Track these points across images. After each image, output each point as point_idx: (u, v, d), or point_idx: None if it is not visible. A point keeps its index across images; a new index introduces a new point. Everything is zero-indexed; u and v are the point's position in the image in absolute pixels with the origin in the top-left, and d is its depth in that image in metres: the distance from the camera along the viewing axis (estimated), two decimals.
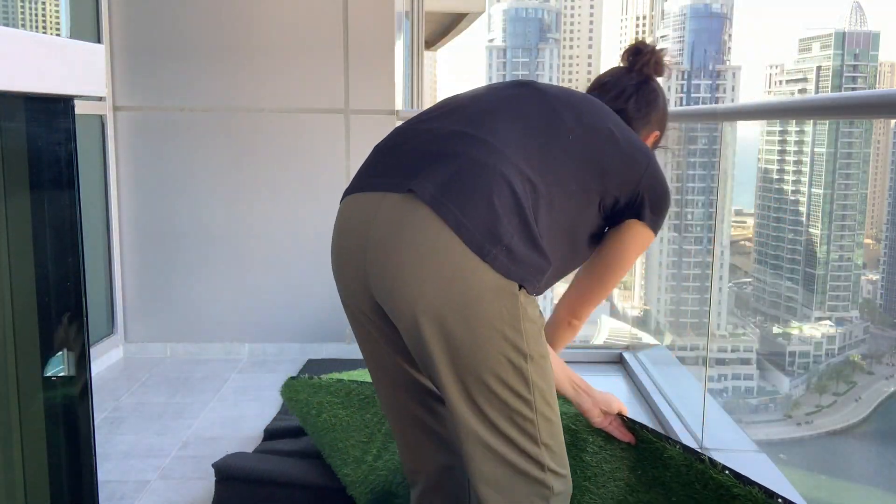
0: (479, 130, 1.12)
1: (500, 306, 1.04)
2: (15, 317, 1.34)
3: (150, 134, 3.10)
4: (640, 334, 3.67)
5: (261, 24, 3.05)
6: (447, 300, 1.03)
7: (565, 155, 1.14)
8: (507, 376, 1.06)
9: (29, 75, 1.10)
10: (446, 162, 1.08)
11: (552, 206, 1.12)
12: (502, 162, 1.07)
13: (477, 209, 1.03)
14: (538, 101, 1.20)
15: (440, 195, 1.04)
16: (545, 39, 79.02)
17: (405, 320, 1.07)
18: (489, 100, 1.21)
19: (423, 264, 1.03)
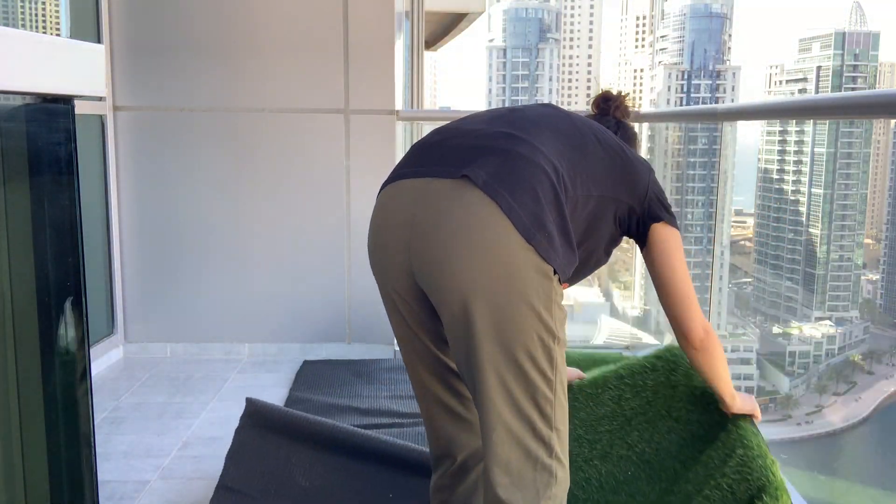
0: (523, 133, 1.22)
1: (539, 287, 1.12)
2: (15, 316, 1.34)
3: (150, 134, 3.10)
4: (640, 334, 3.66)
5: (261, 24, 3.05)
6: (493, 276, 1.10)
7: (592, 165, 1.27)
8: (536, 354, 1.13)
9: (29, 75, 1.10)
10: (495, 154, 1.17)
11: (577, 207, 1.23)
12: (544, 160, 1.18)
13: (525, 197, 1.12)
14: (565, 118, 1.34)
15: (492, 181, 1.12)
16: (545, 39, 78.98)
17: (446, 292, 1.13)
18: (525, 112, 1.33)
19: (472, 241, 1.10)
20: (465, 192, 1.12)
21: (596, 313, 66.97)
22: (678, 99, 78.09)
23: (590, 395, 1.87)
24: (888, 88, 6.34)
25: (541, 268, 1.12)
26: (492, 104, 79.06)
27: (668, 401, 1.77)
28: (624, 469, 1.76)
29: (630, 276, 58.17)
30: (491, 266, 1.10)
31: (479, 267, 1.10)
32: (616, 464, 1.78)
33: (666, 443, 1.74)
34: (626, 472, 1.75)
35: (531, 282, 1.11)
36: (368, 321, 3.14)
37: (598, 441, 1.82)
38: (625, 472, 1.75)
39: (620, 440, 1.79)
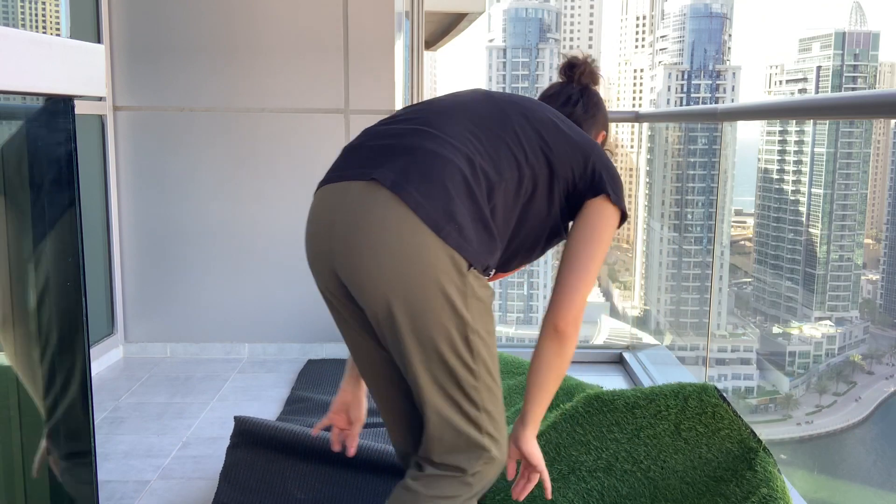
0: (435, 128, 1.25)
1: (452, 279, 1.16)
2: (15, 316, 1.34)
3: (150, 134, 3.10)
4: (640, 334, 3.66)
5: (261, 24, 3.05)
6: (407, 274, 1.14)
7: (516, 147, 1.27)
8: (456, 345, 1.18)
9: (29, 75, 1.10)
10: (405, 154, 1.21)
11: (507, 193, 1.25)
12: (455, 153, 1.21)
13: (433, 191, 1.16)
14: (488, 102, 1.34)
15: (400, 180, 1.16)
16: (545, 39, 78.96)
17: (368, 294, 1.17)
18: (445, 103, 1.34)
19: (385, 241, 1.14)
20: (376, 194, 1.16)
21: (596, 313, 67.01)
22: (678, 99, 78.06)
23: (605, 402, 1.87)
24: (888, 88, 6.33)
25: (454, 260, 1.15)
26: None
27: (679, 416, 1.76)
28: (628, 484, 1.76)
29: (630, 276, 58.13)
30: (404, 264, 1.14)
31: (392, 266, 1.14)
32: (620, 478, 1.78)
33: (673, 462, 1.74)
34: (629, 487, 1.75)
35: (444, 275, 1.15)
36: None
37: (605, 449, 1.81)
38: (628, 487, 1.76)
39: (627, 453, 1.79)
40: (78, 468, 1.44)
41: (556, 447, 1.87)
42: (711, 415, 1.73)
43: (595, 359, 3.18)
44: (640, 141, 3.82)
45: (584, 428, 1.86)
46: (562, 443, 1.87)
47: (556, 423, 1.90)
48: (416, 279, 1.14)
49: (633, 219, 3.81)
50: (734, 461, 1.68)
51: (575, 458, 1.84)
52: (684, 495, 1.70)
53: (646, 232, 3.92)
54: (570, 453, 1.85)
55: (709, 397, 1.75)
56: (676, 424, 1.76)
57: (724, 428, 1.71)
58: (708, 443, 1.72)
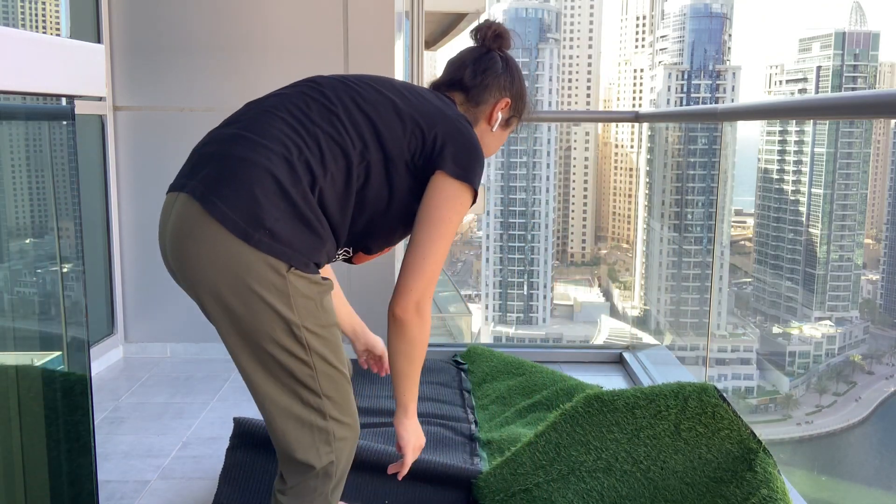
0: (252, 131, 1.26)
1: (269, 284, 1.18)
2: (15, 316, 1.34)
3: (151, 134, 3.10)
4: (640, 334, 3.66)
5: (261, 24, 3.05)
6: (223, 282, 1.19)
7: (340, 137, 1.26)
8: (284, 342, 1.22)
9: (29, 75, 1.10)
10: (217, 162, 1.24)
11: (336, 184, 1.25)
12: (268, 156, 1.21)
13: (239, 200, 1.18)
14: (316, 94, 1.32)
15: (208, 192, 1.20)
16: (545, 39, 78.93)
17: (197, 301, 1.26)
18: (271, 101, 1.33)
19: (201, 253, 1.20)
20: (190, 208, 1.21)
21: (596, 313, 66.99)
22: (678, 99, 78.03)
23: (605, 402, 1.87)
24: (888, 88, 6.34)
25: (269, 264, 1.18)
26: None
27: (679, 416, 1.76)
28: (627, 484, 1.76)
29: (630, 276, 58.06)
30: (218, 274, 1.19)
31: (210, 277, 1.20)
32: (619, 478, 1.78)
33: (672, 463, 1.74)
34: (629, 488, 1.76)
35: (259, 282, 1.18)
36: (368, 321, 3.13)
37: (604, 449, 1.81)
38: (628, 487, 1.76)
39: (626, 454, 1.79)
40: (78, 468, 1.44)
41: (556, 447, 1.87)
42: (711, 415, 1.73)
43: (595, 359, 3.18)
44: (640, 141, 3.82)
45: (584, 428, 1.86)
46: (561, 443, 1.87)
47: (556, 423, 1.91)
48: (233, 288, 1.19)
49: (633, 219, 3.79)
50: (734, 462, 1.68)
51: (574, 458, 1.84)
52: (684, 496, 1.70)
53: (646, 232, 3.92)
54: (570, 453, 1.85)
55: (709, 397, 1.75)
56: (676, 425, 1.76)
57: (724, 428, 1.71)
58: (708, 443, 1.72)
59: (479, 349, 2.89)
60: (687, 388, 1.80)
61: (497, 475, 1.89)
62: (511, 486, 1.86)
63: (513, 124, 1.57)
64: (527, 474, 1.86)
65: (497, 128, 1.52)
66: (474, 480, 1.92)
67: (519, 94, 1.54)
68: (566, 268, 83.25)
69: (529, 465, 1.88)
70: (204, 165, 1.25)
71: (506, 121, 1.53)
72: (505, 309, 69.82)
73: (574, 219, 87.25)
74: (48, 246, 1.40)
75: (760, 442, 1.67)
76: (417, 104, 1.34)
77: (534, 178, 70.67)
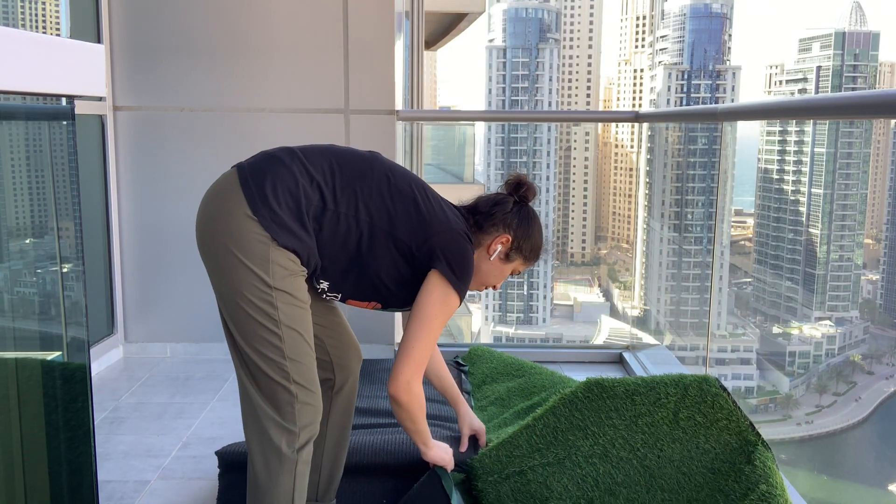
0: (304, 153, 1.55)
1: (252, 250, 1.43)
2: (15, 316, 1.34)
3: (150, 134, 3.10)
4: (640, 334, 3.66)
5: (261, 24, 3.05)
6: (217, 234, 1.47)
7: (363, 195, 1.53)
8: (254, 299, 1.44)
9: (29, 75, 1.10)
10: (266, 157, 1.54)
11: (339, 223, 1.50)
12: (301, 170, 1.50)
13: (264, 184, 1.47)
14: (364, 161, 1.59)
15: (247, 172, 1.50)
16: (545, 39, 78.86)
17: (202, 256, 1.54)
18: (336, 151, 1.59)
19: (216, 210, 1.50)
20: (231, 175, 1.53)
21: (596, 313, 66.97)
22: (678, 99, 78.00)
23: (605, 388, 1.87)
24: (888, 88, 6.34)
25: (258, 236, 1.43)
26: (492, 104, 78.93)
27: (678, 404, 1.77)
28: (623, 471, 1.77)
29: (630, 276, 58.06)
30: (220, 227, 1.47)
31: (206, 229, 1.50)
32: (615, 465, 1.78)
33: (669, 451, 1.74)
34: (624, 475, 1.76)
35: (248, 243, 1.44)
36: (368, 321, 3.14)
37: (602, 435, 1.82)
38: (624, 474, 1.76)
39: (624, 440, 1.80)
40: (78, 468, 1.44)
41: (554, 431, 1.88)
42: (711, 405, 1.73)
43: (595, 359, 3.18)
44: (640, 141, 3.82)
45: (583, 413, 1.86)
46: (559, 427, 1.88)
47: (555, 407, 1.91)
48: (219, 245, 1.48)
49: (633, 219, 3.79)
50: (732, 453, 1.68)
51: (572, 442, 1.85)
52: (680, 485, 1.70)
53: (646, 232, 3.92)
54: (567, 438, 1.86)
55: (709, 387, 1.75)
56: (675, 413, 1.76)
57: (723, 419, 1.71)
58: (706, 433, 1.72)
59: (480, 350, 2.88)
60: (688, 377, 1.80)
61: (493, 456, 1.90)
62: (506, 467, 1.87)
63: (514, 262, 1.74)
64: (523, 456, 1.87)
65: (495, 258, 1.71)
66: (469, 461, 1.92)
67: (524, 235, 1.73)
68: (566, 268, 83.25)
69: (526, 447, 1.88)
70: (258, 156, 1.55)
71: (505, 255, 1.72)
72: (505, 309, 69.81)
73: (574, 219, 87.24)
74: (48, 246, 1.40)
75: (759, 435, 1.68)
76: (433, 208, 1.59)
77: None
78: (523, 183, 1.76)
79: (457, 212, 1.67)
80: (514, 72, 79.65)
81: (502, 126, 72.64)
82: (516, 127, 72.20)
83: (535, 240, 1.75)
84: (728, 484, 1.63)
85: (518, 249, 1.72)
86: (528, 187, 1.76)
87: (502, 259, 1.72)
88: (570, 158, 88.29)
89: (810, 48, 69.10)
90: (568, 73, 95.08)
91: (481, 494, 1.86)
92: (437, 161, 8.32)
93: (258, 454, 1.49)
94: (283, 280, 1.45)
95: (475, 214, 1.71)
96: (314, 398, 1.50)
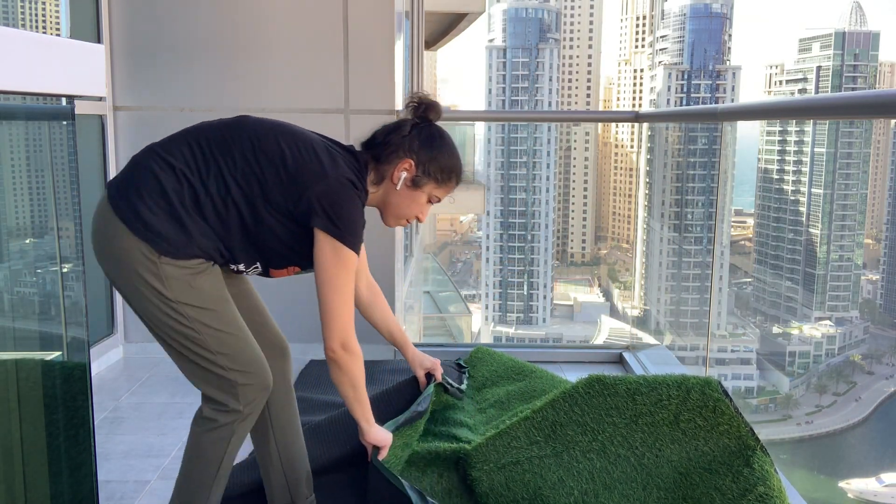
0: (162, 147, 1.51)
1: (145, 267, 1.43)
2: (15, 316, 1.34)
3: (150, 134, 3.08)
4: (640, 334, 3.67)
5: (261, 24, 3.05)
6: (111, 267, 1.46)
7: (227, 169, 1.49)
8: (166, 315, 1.46)
9: (29, 75, 1.10)
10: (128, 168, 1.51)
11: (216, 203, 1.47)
12: (161, 165, 1.46)
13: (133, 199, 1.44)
14: (225, 130, 1.53)
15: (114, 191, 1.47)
16: (545, 39, 78.90)
17: None
18: (195, 127, 1.56)
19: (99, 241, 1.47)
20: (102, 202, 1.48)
21: (596, 313, 66.98)
22: (678, 99, 78.02)
23: (606, 385, 1.88)
24: (888, 88, 6.34)
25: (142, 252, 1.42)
26: (492, 104, 78.93)
27: (679, 407, 1.77)
28: (620, 468, 1.77)
29: (630, 276, 58.09)
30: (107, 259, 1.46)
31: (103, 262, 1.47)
32: (613, 462, 1.79)
33: (668, 451, 1.75)
34: (622, 472, 1.76)
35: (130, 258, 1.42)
36: None
37: (601, 432, 1.82)
38: (621, 471, 1.77)
39: (622, 438, 1.81)
40: (78, 468, 1.44)
41: (553, 425, 1.88)
42: (712, 409, 1.73)
43: (595, 359, 3.18)
44: (640, 141, 3.82)
45: (583, 409, 1.86)
46: (558, 421, 1.88)
47: (555, 401, 1.91)
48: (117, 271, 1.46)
49: (633, 219, 3.79)
50: (730, 456, 1.69)
51: (570, 437, 1.85)
52: (677, 485, 1.70)
53: (646, 232, 3.92)
54: (566, 432, 1.86)
55: (711, 391, 1.76)
56: (676, 415, 1.76)
57: (724, 423, 1.72)
58: (706, 436, 1.73)
59: (482, 352, 2.88)
60: (690, 380, 1.80)
61: (490, 445, 1.90)
62: (502, 457, 1.87)
63: (426, 187, 1.64)
64: (520, 448, 1.87)
65: (401, 186, 1.62)
66: (465, 450, 1.92)
67: (428, 157, 1.62)
68: (566, 268, 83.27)
69: (524, 439, 1.89)
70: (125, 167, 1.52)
71: (412, 180, 1.62)
72: (505, 309, 69.85)
73: (574, 219, 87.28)
74: (48, 246, 1.40)
75: (759, 440, 1.69)
76: (304, 159, 1.50)
77: (534, 178, 70.66)
78: (423, 101, 1.65)
79: (343, 152, 1.57)
80: (514, 72, 79.67)
81: (502, 126, 72.64)
82: (516, 127, 72.21)
83: (442, 160, 1.63)
84: (725, 483, 1.64)
85: (426, 173, 1.62)
86: (429, 105, 1.65)
87: (409, 186, 1.62)
88: (570, 158, 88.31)
89: (810, 48, 69.12)
90: (568, 73, 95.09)
91: (475, 482, 1.87)
92: None
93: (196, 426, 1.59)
94: (183, 292, 1.46)
95: (372, 148, 1.63)
96: (254, 376, 1.54)
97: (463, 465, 1.92)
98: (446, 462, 1.95)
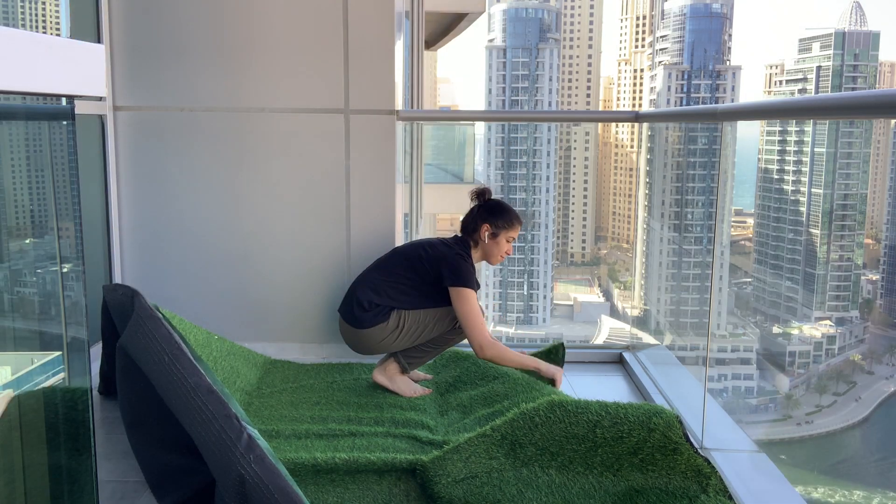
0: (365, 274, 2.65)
1: None
2: (15, 317, 1.34)
3: (150, 134, 3.10)
4: (641, 334, 3.66)
5: (261, 24, 3.05)
6: None
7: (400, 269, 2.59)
8: None
9: (29, 75, 1.10)
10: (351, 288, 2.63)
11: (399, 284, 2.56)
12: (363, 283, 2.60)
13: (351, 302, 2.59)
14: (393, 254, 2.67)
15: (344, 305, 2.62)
16: (545, 39, 78.79)
17: None
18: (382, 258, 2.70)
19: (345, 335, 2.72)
20: None
21: (596, 313, 66.95)
22: (678, 99, 77.97)
23: (568, 413, 1.91)
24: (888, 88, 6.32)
25: None
26: (492, 104, 78.85)
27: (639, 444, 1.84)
28: (580, 484, 1.83)
29: (630, 276, 58.01)
30: None
31: None
32: (572, 478, 1.85)
33: (627, 472, 1.84)
34: (580, 488, 1.82)
35: None
36: None
37: (561, 455, 1.87)
38: (580, 487, 1.82)
39: (582, 460, 1.87)
40: (78, 468, 1.44)
41: (511, 444, 1.91)
42: (672, 450, 1.84)
43: (595, 359, 3.18)
44: (640, 141, 3.82)
45: (542, 433, 1.91)
46: (518, 441, 1.91)
47: (514, 421, 1.93)
48: None
49: (633, 219, 3.79)
50: (687, 481, 1.81)
51: (529, 455, 1.89)
52: (633, 501, 1.79)
53: (646, 232, 3.92)
54: (526, 452, 1.89)
55: (673, 434, 1.84)
56: (635, 449, 1.87)
57: (683, 462, 1.82)
58: (665, 469, 1.83)
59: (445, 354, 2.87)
60: (654, 419, 1.85)
61: (447, 459, 1.90)
62: (461, 471, 1.88)
63: (501, 235, 2.63)
64: (479, 462, 1.89)
65: (488, 240, 2.63)
66: (420, 466, 1.92)
67: (493, 217, 2.64)
68: (566, 268, 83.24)
69: (483, 454, 1.90)
70: None
71: (492, 234, 2.63)
72: (505, 309, 69.81)
73: (574, 219, 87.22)
74: (48, 246, 1.40)
75: (714, 468, 1.80)
76: (431, 257, 2.57)
77: (534, 178, 70.63)
78: (479, 189, 2.71)
79: (452, 240, 2.64)
80: (514, 72, 79.63)
81: (502, 126, 72.59)
82: (516, 127, 72.16)
83: (502, 215, 2.64)
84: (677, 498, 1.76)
85: (496, 226, 2.63)
86: (483, 190, 2.70)
87: (492, 238, 2.63)
88: (570, 158, 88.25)
89: (810, 48, 69.07)
90: (568, 73, 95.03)
91: (436, 497, 1.88)
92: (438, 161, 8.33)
93: None
94: None
95: (465, 232, 2.67)
96: None
97: (420, 475, 1.93)
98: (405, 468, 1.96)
